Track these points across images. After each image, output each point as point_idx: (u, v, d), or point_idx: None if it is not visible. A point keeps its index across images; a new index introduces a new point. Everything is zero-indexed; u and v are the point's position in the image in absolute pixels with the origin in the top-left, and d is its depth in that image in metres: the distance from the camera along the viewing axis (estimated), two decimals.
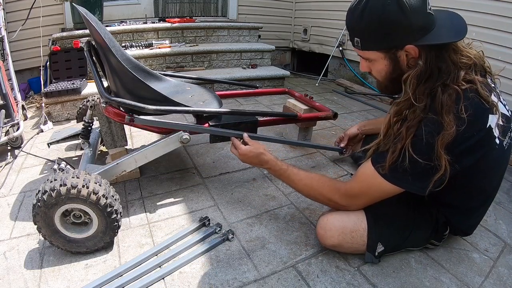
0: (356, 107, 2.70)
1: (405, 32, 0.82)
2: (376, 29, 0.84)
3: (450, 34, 0.83)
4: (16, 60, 2.50)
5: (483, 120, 0.83)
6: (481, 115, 0.83)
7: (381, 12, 0.80)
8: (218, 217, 1.27)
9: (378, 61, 0.91)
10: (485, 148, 0.86)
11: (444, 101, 0.81)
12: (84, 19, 1.18)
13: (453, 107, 0.80)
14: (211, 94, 1.55)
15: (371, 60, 0.92)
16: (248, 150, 1.18)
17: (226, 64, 3.14)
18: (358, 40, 0.89)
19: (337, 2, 3.48)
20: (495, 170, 0.97)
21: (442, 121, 0.81)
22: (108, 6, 3.13)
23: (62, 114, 2.24)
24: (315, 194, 1.09)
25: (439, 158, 0.82)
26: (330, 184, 1.06)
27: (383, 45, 0.87)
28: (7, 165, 1.62)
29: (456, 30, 0.84)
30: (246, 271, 1.03)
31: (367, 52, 0.91)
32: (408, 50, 0.85)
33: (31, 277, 0.98)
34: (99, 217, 1.01)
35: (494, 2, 2.11)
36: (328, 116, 1.66)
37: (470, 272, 1.05)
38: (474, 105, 0.81)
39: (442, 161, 0.82)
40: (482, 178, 0.95)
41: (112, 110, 1.21)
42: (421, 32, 0.82)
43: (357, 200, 1.01)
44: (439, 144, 0.81)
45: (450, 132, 0.79)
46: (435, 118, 0.82)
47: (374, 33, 0.85)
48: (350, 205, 1.03)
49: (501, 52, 2.08)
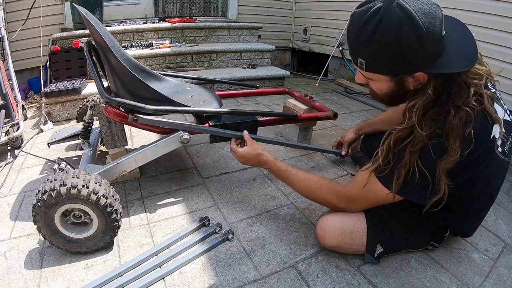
0: (356, 107, 2.70)
1: (418, 61, 0.76)
2: (386, 55, 0.76)
3: (461, 59, 0.77)
4: (16, 60, 2.49)
5: (487, 135, 0.81)
6: (484, 131, 0.81)
7: (395, 39, 0.72)
8: (218, 217, 1.27)
9: (381, 82, 0.85)
10: (487, 160, 0.85)
11: (454, 125, 0.77)
12: (84, 19, 1.18)
13: (462, 130, 0.77)
14: (211, 94, 1.55)
15: (373, 79, 0.86)
16: (246, 152, 1.17)
17: (226, 64, 3.14)
18: (362, 62, 0.81)
19: (337, 2, 3.48)
20: (497, 176, 0.96)
21: (447, 146, 0.78)
22: (108, 6, 3.13)
23: (62, 114, 2.24)
24: (313, 196, 1.10)
25: (439, 182, 0.81)
26: (329, 187, 1.06)
27: (390, 70, 0.80)
28: (7, 165, 1.62)
29: (467, 55, 0.77)
30: (246, 271, 1.03)
31: (370, 74, 0.84)
32: (417, 76, 0.79)
33: (31, 277, 0.98)
34: (99, 217, 1.01)
35: (494, 2, 2.10)
36: (328, 116, 1.66)
37: (470, 272, 1.05)
38: (479, 124, 0.78)
39: (442, 185, 0.81)
40: (484, 186, 0.94)
41: (112, 110, 1.21)
42: (432, 58, 0.76)
43: (356, 204, 1.02)
44: (440, 169, 0.79)
45: (454, 159, 0.77)
46: (440, 142, 0.79)
47: (382, 59, 0.78)
48: (349, 208, 1.04)
49: (501, 52, 2.08)
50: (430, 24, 0.71)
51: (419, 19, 0.70)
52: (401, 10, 0.71)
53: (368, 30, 0.74)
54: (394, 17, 0.71)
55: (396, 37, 0.72)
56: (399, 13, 0.71)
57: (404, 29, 0.71)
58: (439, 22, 0.73)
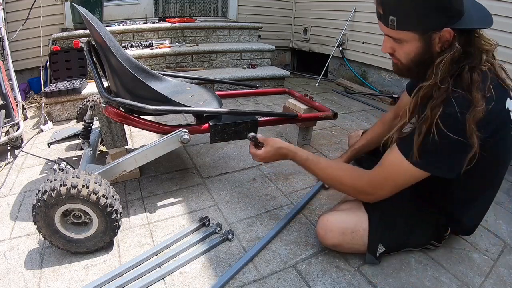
0: (356, 107, 2.70)
1: (446, 14, 0.79)
2: (418, 8, 0.79)
3: (481, 20, 0.83)
4: (16, 60, 2.50)
5: (504, 101, 0.84)
6: (502, 96, 0.83)
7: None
8: (218, 217, 1.27)
9: (410, 42, 0.85)
10: (504, 131, 0.86)
11: (474, 78, 0.80)
12: (84, 19, 1.18)
13: (481, 85, 0.79)
14: (211, 94, 1.55)
15: (402, 41, 0.86)
16: (266, 152, 1.15)
17: (226, 64, 3.14)
18: (394, 19, 0.82)
19: (337, 2, 3.48)
20: (506, 158, 0.95)
21: (471, 98, 0.78)
22: (108, 6, 3.14)
23: (62, 114, 2.24)
24: (336, 183, 1.05)
25: (471, 135, 0.79)
26: (353, 172, 1.02)
27: (421, 26, 0.82)
28: (7, 165, 1.62)
29: (484, 16, 0.84)
30: (246, 271, 1.03)
31: (401, 32, 0.84)
32: (444, 33, 0.80)
33: (31, 277, 0.98)
34: (99, 217, 1.01)
35: (494, 2, 2.10)
36: (328, 116, 1.66)
37: (470, 272, 1.05)
38: (496, 86, 0.82)
39: (474, 138, 0.79)
40: (495, 166, 0.93)
41: (112, 110, 1.21)
42: (458, 15, 0.80)
43: (381, 189, 0.96)
44: (470, 120, 0.78)
45: (481, 109, 0.77)
46: (463, 94, 0.79)
47: (414, 12, 0.80)
48: (374, 193, 0.97)
49: (501, 52, 2.06)
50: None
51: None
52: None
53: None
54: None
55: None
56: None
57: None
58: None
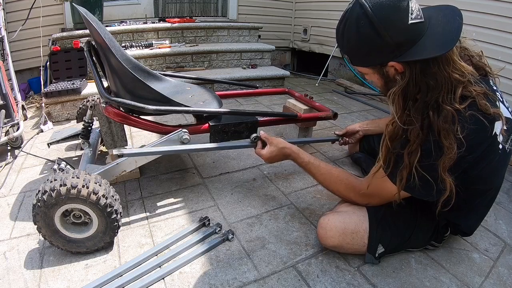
0: (356, 107, 2.70)
1: (384, 51, 0.80)
2: (356, 49, 0.85)
3: (436, 45, 0.76)
4: (16, 60, 2.50)
5: (485, 133, 0.81)
6: (483, 130, 0.80)
7: (356, 34, 0.81)
8: (218, 217, 1.27)
9: (369, 74, 0.91)
10: (489, 157, 0.85)
11: (440, 125, 0.78)
12: (84, 19, 1.18)
13: (452, 129, 0.78)
14: (211, 94, 1.55)
15: (364, 73, 0.94)
16: (269, 151, 1.19)
17: (226, 64, 3.14)
18: (346, 57, 0.91)
19: (337, 2, 3.48)
20: (498, 173, 0.96)
21: (442, 145, 0.79)
22: (108, 6, 3.13)
23: (62, 114, 2.24)
24: (333, 190, 1.13)
25: (443, 181, 0.81)
26: (348, 182, 1.08)
27: (367, 63, 0.88)
28: (7, 165, 1.62)
29: (445, 40, 0.76)
30: (246, 271, 1.03)
31: (357, 67, 0.92)
32: (389, 68, 0.84)
33: (31, 277, 0.98)
34: (99, 217, 1.01)
35: (494, 2, 2.10)
36: (328, 116, 1.66)
37: (470, 272, 1.05)
38: (473, 123, 0.78)
39: (447, 184, 0.81)
40: (484, 184, 0.94)
41: (112, 110, 1.21)
42: (403, 47, 0.78)
43: (372, 200, 1.03)
44: (440, 168, 0.80)
45: (451, 156, 0.78)
46: (436, 140, 0.80)
47: (356, 52, 0.86)
48: (367, 203, 1.06)
49: (501, 52, 2.08)
50: (387, 16, 0.76)
51: (373, 13, 0.76)
52: (360, 7, 0.78)
53: (340, 29, 0.85)
54: (354, 14, 0.79)
55: (356, 32, 0.80)
56: (358, 10, 0.78)
57: (361, 23, 0.78)
58: (404, 13, 0.76)
